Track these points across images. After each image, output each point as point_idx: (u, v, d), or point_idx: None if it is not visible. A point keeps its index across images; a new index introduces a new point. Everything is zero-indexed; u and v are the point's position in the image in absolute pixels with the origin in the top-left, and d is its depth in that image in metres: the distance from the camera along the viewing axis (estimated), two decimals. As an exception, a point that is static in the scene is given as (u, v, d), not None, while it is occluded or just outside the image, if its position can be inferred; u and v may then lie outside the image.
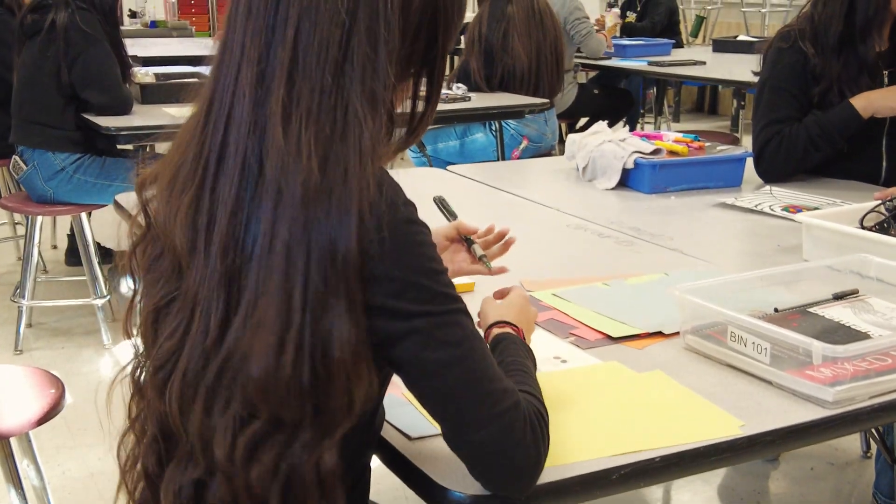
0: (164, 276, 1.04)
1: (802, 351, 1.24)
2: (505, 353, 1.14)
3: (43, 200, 3.54)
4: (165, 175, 1.05)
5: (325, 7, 0.96)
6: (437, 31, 1.04)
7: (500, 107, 3.95)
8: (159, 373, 1.02)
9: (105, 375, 3.38)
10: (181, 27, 7.30)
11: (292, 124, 0.95)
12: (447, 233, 1.43)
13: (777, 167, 2.41)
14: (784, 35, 2.44)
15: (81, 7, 3.42)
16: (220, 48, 1.03)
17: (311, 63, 0.96)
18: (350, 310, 0.94)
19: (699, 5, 8.66)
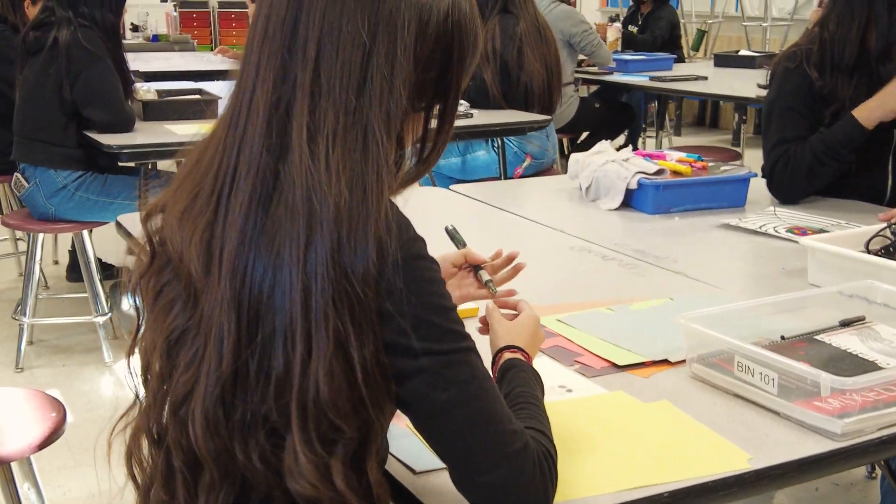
0: (177, 306, 1.03)
1: (810, 382, 1.23)
2: (514, 382, 1.13)
3: (44, 218, 3.53)
4: (180, 202, 1.04)
5: (347, 29, 0.97)
6: (450, 61, 1.04)
7: (501, 124, 3.95)
8: (180, 409, 1.01)
9: (106, 394, 3.38)
10: (183, 41, 7.31)
11: (319, 145, 0.95)
12: (454, 260, 1.42)
13: (787, 187, 2.41)
14: (791, 55, 2.44)
15: (84, 25, 3.42)
16: (238, 73, 1.04)
17: (336, 85, 0.96)
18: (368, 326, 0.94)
19: (700, 19, 8.67)
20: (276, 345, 0.95)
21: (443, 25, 1.01)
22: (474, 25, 1.05)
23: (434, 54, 1.02)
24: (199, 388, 0.99)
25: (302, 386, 0.94)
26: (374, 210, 0.94)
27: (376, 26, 0.97)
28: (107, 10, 3.49)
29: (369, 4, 0.97)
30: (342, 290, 0.93)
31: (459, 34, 1.03)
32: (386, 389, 0.97)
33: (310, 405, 0.94)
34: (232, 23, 10.79)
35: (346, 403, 0.95)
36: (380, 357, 0.96)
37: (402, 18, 0.98)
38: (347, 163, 0.95)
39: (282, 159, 0.97)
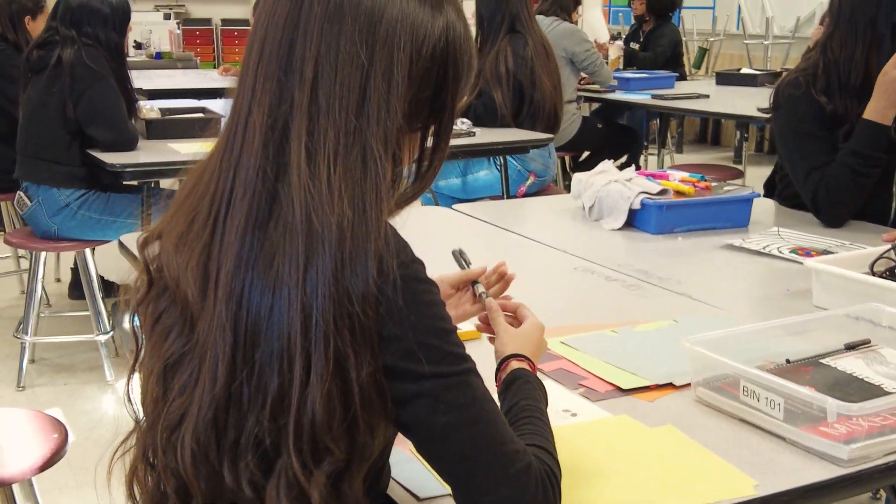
0: (174, 331, 1.03)
1: (816, 407, 1.22)
2: (520, 395, 1.13)
3: (47, 236, 3.53)
4: (176, 227, 1.04)
5: (345, 49, 0.97)
6: (445, 81, 1.04)
7: (504, 142, 3.95)
8: (173, 434, 1.00)
9: (108, 413, 3.37)
10: (186, 58, 7.34)
11: (319, 165, 0.95)
12: (453, 281, 1.42)
13: (835, 210, 2.38)
14: (794, 82, 2.44)
15: (87, 44, 3.44)
16: (234, 95, 1.03)
17: (335, 105, 0.96)
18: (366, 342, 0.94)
19: (702, 37, 8.69)
20: (272, 366, 0.95)
21: (438, 45, 1.01)
22: (469, 46, 1.06)
23: (429, 73, 1.02)
24: (192, 412, 0.98)
25: (299, 407, 0.94)
26: (374, 229, 0.95)
27: (373, 46, 0.97)
28: (110, 30, 3.51)
29: (366, 25, 0.98)
30: (343, 310, 0.93)
31: (454, 54, 1.03)
32: (382, 411, 0.97)
33: (305, 427, 0.94)
34: (235, 40, 10.83)
35: (339, 425, 0.95)
36: (377, 378, 0.95)
37: (399, 38, 0.98)
38: (348, 182, 0.95)
39: (280, 180, 0.97)
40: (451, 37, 1.03)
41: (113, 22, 3.51)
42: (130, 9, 3.63)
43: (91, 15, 3.46)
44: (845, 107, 2.36)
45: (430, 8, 1.01)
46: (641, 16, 6.83)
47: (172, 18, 9.90)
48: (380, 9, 0.98)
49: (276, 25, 1.00)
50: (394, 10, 0.99)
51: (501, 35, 4.11)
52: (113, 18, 3.51)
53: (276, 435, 0.95)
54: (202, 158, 1.06)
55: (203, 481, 0.99)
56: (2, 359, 3.79)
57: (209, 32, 10.81)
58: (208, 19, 10.88)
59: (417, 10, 1.00)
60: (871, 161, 2.33)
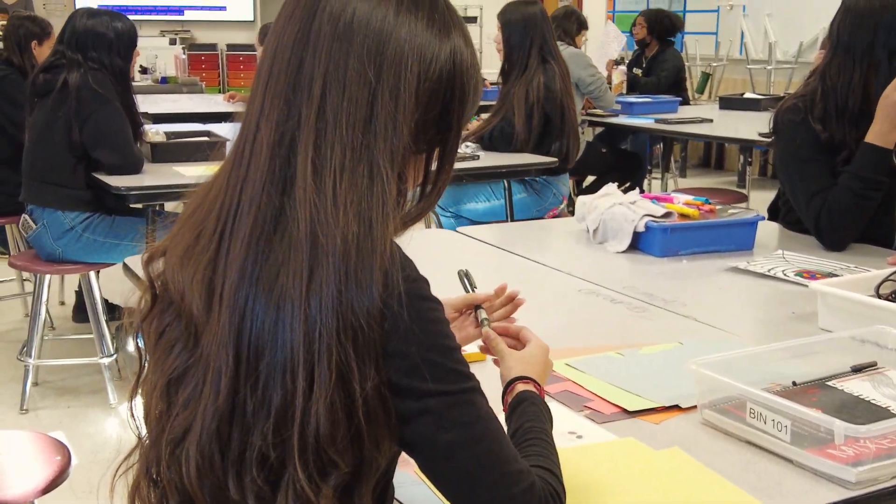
0: (178, 346, 1.03)
1: (824, 429, 1.21)
2: (525, 417, 1.13)
3: (52, 259, 3.53)
4: (182, 242, 1.04)
5: (354, 67, 0.98)
6: (451, 103, 1.05)
7: (508, 165, 3.96)
8: (177, 448, 1.00)
9: (111, 436, 3.36)
10: (191, 83, 7.38)
11: (325, 179, 0.96)
12: (457, 304, 1.42)
13: (837, 233, 2.37)
14: (793, 108, 2.44)
15: (93, 67, 3.45)
16: (243, 114, 1.05)
17: (342, 121, 0.97)
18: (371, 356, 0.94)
19: (704, 62, 8.72)
20: (276, 378, 0.95)
21: (444, 67, 1.03)
22: (475, 72, 1.07)
23: (436, 95, 1.03)
24: (196, 425, 0.98)
25: (303, 420, 0.94)
26: (379, 244, 0.95)
27: (381, 65, 0.99)
28: (115, 55, 3.52)
29: (375, 44, 0.99)
30: (347, 323, 0.93)
31: (461, 78, 1.04)
32: (386, 425, 0.97)
33: (310, 439, 0.94)
34: (240, 65, 10.89)
35: (343, 438, 0.95)
36: (382, 392, 0.95)
37: (406, 59, 1.00)
38: (354, 197, 0.96)
39: (286, 194, 0.97)
40: (458, 61, 1.04)
41: (118, 47, 3.53)
42: (137, 35, 3.65)
43: (97, 40, 3.48)
44: (843, 133, 2.37)
45: (439, 32, 1.03)
46: (643, 40, 6.86)
47: (178, 44, 9.99)
48: (388, 30, 1.00)
49: (285, 45, 1.01)
50: (402, 32, 1.00)
51: (532, 63, 4.10)
52: (118, 44, 3.53)
53: (281, 449, 0.96)
54: (210, 176, 1.07)
55: (208, 494, 0.99)
56: (5, 381, 3.78)
57: (214, 58, 10.88)
58: (214, 45, 10.95)
59: (425, 33, 1.02)
60: (873, 185, 2.33)
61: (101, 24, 3.50)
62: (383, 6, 1.01)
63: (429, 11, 1.03)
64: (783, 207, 2.65)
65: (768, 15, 8.33)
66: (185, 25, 10.94)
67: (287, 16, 1.03)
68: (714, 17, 8.99)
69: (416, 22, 1.01)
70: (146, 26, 10.46)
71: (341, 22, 0.99)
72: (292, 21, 1.02)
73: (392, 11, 1.01)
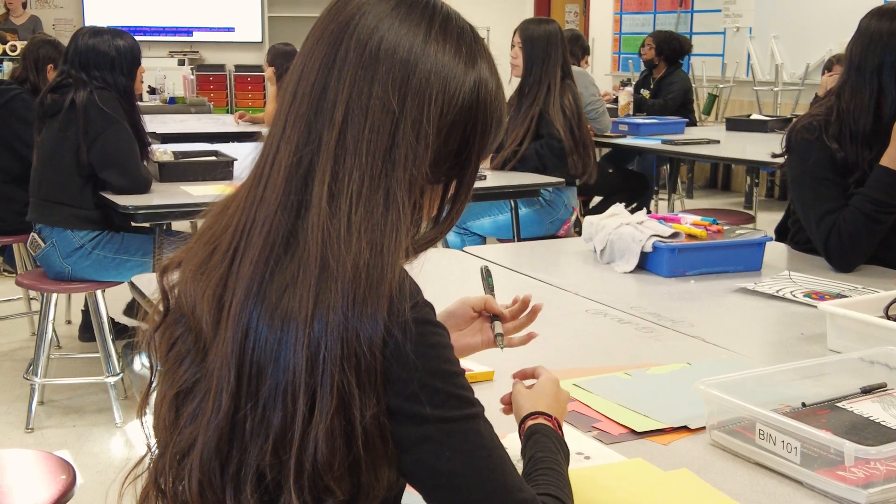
0: (188, 359, 1.03)
1: (834, 451, 1.20)
2: (536, 448, 1.12)
3: (60, 277, 3.54)
4: (196, 256, 1.05)
5: (377, 95, 0.98)
6: (472, 135, 1.04)
7: (514, 185, 3.96)
8: (182, 461, 1.00)
9: (116, 455, 3.35)
10: (199, 103, 7.40)
11: (341, 205, 0.96)
12: (476, 304, 1.41)
13: (848, 254, 2.37)
14: (808, 127, 2.44)
15: (99, 86, 3.46)
16: (266, 136, 1.05)
17: (362, 148, 0.97)
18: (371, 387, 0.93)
19: (711, 84, 8.74)
20: (276, 400, 0.94)
21: (468, 100, 1.02)
22: (499, 103, 1.06)
23: (457, 126, 1.02)
24: (200, 441, 0.98)
25: (302, 444, 0.93)
26: (389, 271, 0.95)
27: (405, 95, 0.98)
28: (118, 74, 3.52)
29: (400, 74, 0.99)
30: (351, 349, 0.93)
31: (484, 109, 1.04)
32: (384, 454, 0.96)
33: (307, 464, 0.93)
34: (248, 86, 10.95)
35: (341, 465, 0.94)
36: (381, 419, 0.95)
37: (431, 90, 0.99)
38: (368, 224, 0.95)
39: (300, 217, 0.97)
40: (483, 92, 1.04)
41: (121, 66, 3.52)
42: (139, 52, 3.64)
43: (98, 59, 3.48)
44: (856, 154, 2.37)
45: (464, 63, 1.02)
46: (651, 61, 6.87)
47: (187, 64, 10.04)
48: (414, 60, 0.99)
49: (311, 68, 1.01)
50: (428, 62, 1.00)
51: (557, 79, 4.11)
52: (120, 62, 3.52)
53: (277, 470, 0.95)
54: (229, 194, 1.07)
55: None
56: (11, 400, 3.78)
57: (223, 78, 10.94)
58: (222, 65, 11.01)
59: (451, 63, 1.01)
60: (886, 207, 2.32)
61: (102, 42, 3.50)
62: (411, 35, 1.00)
63: (456, 41, 1.03)
64: (792, 227, 2.65)
65: (775, 37, 8.36)
66: (194, 46, 11.02)
67: (315, 39, 1.03)
68: (721, 38, 9.01)
69: (443, 52, 1.01)
70: (155, 47, 10.54)
71: (368, 49, 0.99)
72: (320, 45, 1.02)
73: (420, 40, 1.00)
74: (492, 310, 1.40)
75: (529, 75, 4.16)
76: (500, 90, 1.07)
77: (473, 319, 1.40)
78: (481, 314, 1.41)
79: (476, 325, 1.40)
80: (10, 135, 4.17)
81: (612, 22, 10.37)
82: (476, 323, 1.41)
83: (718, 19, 9.02)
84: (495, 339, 1.38)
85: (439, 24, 1.02)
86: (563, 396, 1.25)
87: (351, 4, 1.03)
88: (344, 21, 1.01)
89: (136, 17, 10.65)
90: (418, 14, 1.02)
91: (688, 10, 9.24)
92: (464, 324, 1.40)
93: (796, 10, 8.13)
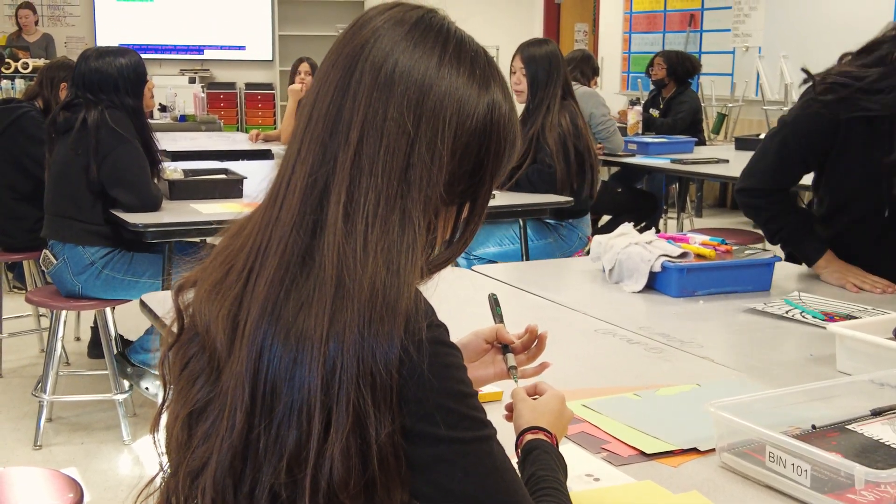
0: (201, 378, 1.04)
1: (844, 474, 1.20)
2: (537, 465, 1.12)
3: (71, 294, 3.55)
4: (212, 276, 1.05)
5: (392, 116, 0.99)
6: (486, 158, 1.05)
7: (523, 205, 3.96)
8: (195, 480, 1.01)
9: (124, 473, 3.35)
10: (210, 121, 7.44)
11: (357, 225, 0.96)
12: (488, 335, 1.41)
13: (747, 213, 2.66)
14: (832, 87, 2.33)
15: (111, 106, 3.47)
16: (283, 157, 1.06)
17: (377, 168, 0.98)
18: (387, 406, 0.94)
19: (720, 103, 8.75)
20: (291, 419, 0.95)
21: (482, 122, 1.03)
22: (513, 126, 1.07)
23: (470, 149, 1.03)
24: (213, 460, 0.99)
25: (317, 462, 0.94)
26: (405, 292, 0.95)
27: (420, 117, 0.99)
28: (124, 95, 3.51)
29: (416, 95, 1.00)
30: (367, 368, 0.93)
31: (497, 132, 1.05)
32: (398, 473, 0.96)
33: (322, 483, 0.94)
34: (258, 104, 11.00)
35: (356, 484, 0.94)
36: (395, 439, 0.95)
37: (446, 112, 1.00)
38: (384, 244, 0.96)
39: (315, 237, 0.98)
40: (496, 115, 1.05)
41: (125, 87, 3.51)
42: (144, 69, 3.62)
43: (102, 81, 3.48)
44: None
45: (478, 86, 1.03)
46: (660, 80, 6.88)
47: (197, 82, 10.10)
48: (429, 82, 1.00)
49: (326, 91, 1.03)
50: (443, 85, 1.01)
51: (556, 100, 4.08)
52: (125, 83, 3.51)
53: (291, 490, 0.95)
54: (246, 214, 1.08)
55: None
56: (19, 417, 3.79)
57: (233, 96, 11.00)
58: (232, 83, 11.08)
59: (465, 86, 1.02)
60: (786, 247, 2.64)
61: (105, 65, 3.49)
62: (426, 59, 1.01)
63: (470, 65, 1.04)
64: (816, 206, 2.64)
65: (784, 56, 8.35)
66: (205, 64, 11.08)
67: (330, 63, 1.04)
68: (730, 58, 9.03)
69: (457, 75, 1.02)
70: (166, 65, 10.61)
71: (383, 71, 1.00)
72: (335, 68, 1.03)
73: (434, 63, 1.01)
74: (503, 339, 1.40)
75: (534, 98, 4.14)
76: (514, 113, 1.08)
77: (486, 351, 1.40)
78: (493, 345, 1.41)
79: (488, 357, 1.40)
80: (20, 152, 4.19)
81: (621, 41, 10.40)
82: (488, 355, 1.41)
83: (728, 39, 9.03)
84: (509, 372, 1.38)
85: (453, 48, 1.04)
86: (567, 415, 1.25)
87: (365, 29, 1.04)
88: (359, 45, 1.03)
89: (147, 36, 10.74)
90: (432, 38, 1.03)
91: (697, 29, 9.26)
92: (476, 356, 1.39)
93: (806, 30, 8.14)
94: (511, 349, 1.40)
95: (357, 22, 1.06)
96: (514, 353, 1.40)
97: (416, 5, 1.07)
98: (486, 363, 1.40)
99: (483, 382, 1.41)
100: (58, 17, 10.75)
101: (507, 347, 1.41)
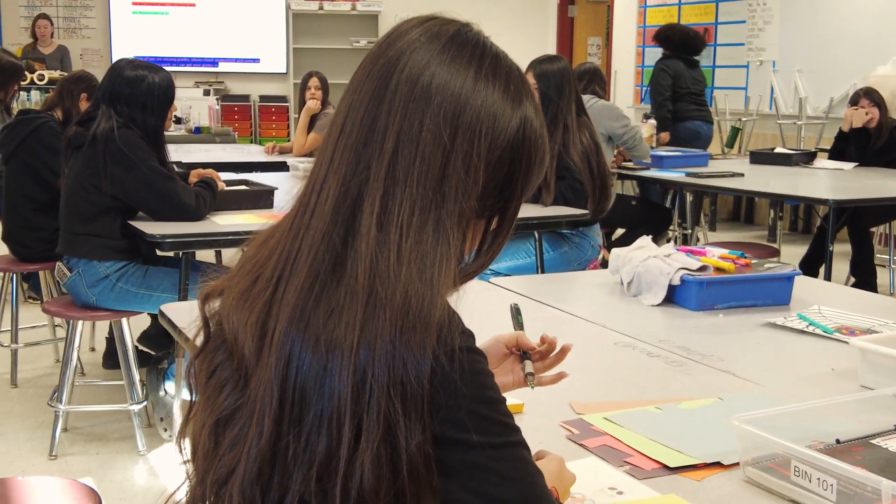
0: (228, 386, 1.04)
1: (871, 489, 1.19)
2: None
3: (87, 306, 3.55)
4: (240, 284, 1.05)
5: (428, 128, 0.99)
6: (517, 172, 1.06)
7: (538, 217, 3.95)
8: (221, 488, 1.00)
9: (139, 484, 3.35)
10: (224, 133, 7.47)
11: (391, 235, 0.97)
12: (508, 341, 1.41)
13: None
14: None
15: (122, 125, 3.40)
16: (313, 166, 1.06)
17: (412, 179, 0.98)
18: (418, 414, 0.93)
19: (734, 117, 8.74)
20: (321, 427, 0.95)
21: (514, 137, 1.04)
22: (543, 141, 1.08)
23: (502, 163, 1.04)
24: (240, 468, 0.98)
25: (348, 471, 0.93)
26: (438, 301, 0.95)
27: (456, 130, 1.00)
28: (149, 114, 3.47)
29: (452, 108, 1.00)
30: (398, 377, 0.93)
31: (529, 147, 1.05)
32: (428, 483, 0.96)
33: (353, 492, 0.93)
34: (272, 116, 11.04)
35: (387, 494, 0.94)
36: (426, 448, 0.95)
37: (481, 125, 1.01)
38: (418, 254, 0.96)
39: (347, 245, 0.98)
40: (528, 130, 1.05)
41: (153, 106, 3.48)
42: (174, 90, 3.59)
43: (131, 95, 3.44)
44: None
45: (511, 101, 1.04)
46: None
47: (212, 94, 10.14)
48: (465, 96, 1.01)
49: (360, 101, 1.03)
50: (479, 99, 1.02)
51: (573, 117, 4.07)
52: (153, 102, 3.47)
53: (321, 499, 0.95)
54: (274, 223, 1.08)
55: None
56: (35, 427, 3.80)
57: (247, 108, 11.03)
58: (247, 95, 11.11)
59: (500, 101, 1.03)
60: None
61: (137, 79, 3.46)
62: (462, 73, 1.02)
63: (505, 81, 1.05)
64: None
65: (798, 70, 8.36)
66: (220, 77, 11.13)
67: (364, 74, 1.05)
68: (744, 72, 9.02)
69: (493, 90, 1.03)
70: (181, 77, 10.65)
71: (420, 84, 1.01)
72: (369, 79, 1.03)
73: (471, 78, 1.02)
74: (524, 346, 1.40)
75: (546, 114, 4.13)
76: (544, 129, 1.09)
77: (506, 357, 1.40)
78: (513, 352, 1.41)
79: (508, 364, 1.40)
80: (38, 163, 4.20)
81: (634, 55, 10.40)
82: (507, 362, 1.41)
83: (742, 53, 9.03)
84: (525, 379, 1.38)
85: (489, 64, 1.04)
86: (568, 476, 1.23)
87: (401, 41, 1.04)
88: (394, 57, 1.03)
89: (162, 48, 10.79)
90: (468, 53, 1.04)
91: (711, 43, 9.25)
92: (496, 362, 1.39)
93: (820, 44, 8.13)
94: (530, 356, 1.40)
95: (391, 34, 1.07)
96: (532, 361, 1.40)
97: (450, 19, 1.08)
98: (505, 370, 1.40)
99: (504, 390, 1.40)
100: (73, 29, 10.81)
101: (526, 354, 1.41)
